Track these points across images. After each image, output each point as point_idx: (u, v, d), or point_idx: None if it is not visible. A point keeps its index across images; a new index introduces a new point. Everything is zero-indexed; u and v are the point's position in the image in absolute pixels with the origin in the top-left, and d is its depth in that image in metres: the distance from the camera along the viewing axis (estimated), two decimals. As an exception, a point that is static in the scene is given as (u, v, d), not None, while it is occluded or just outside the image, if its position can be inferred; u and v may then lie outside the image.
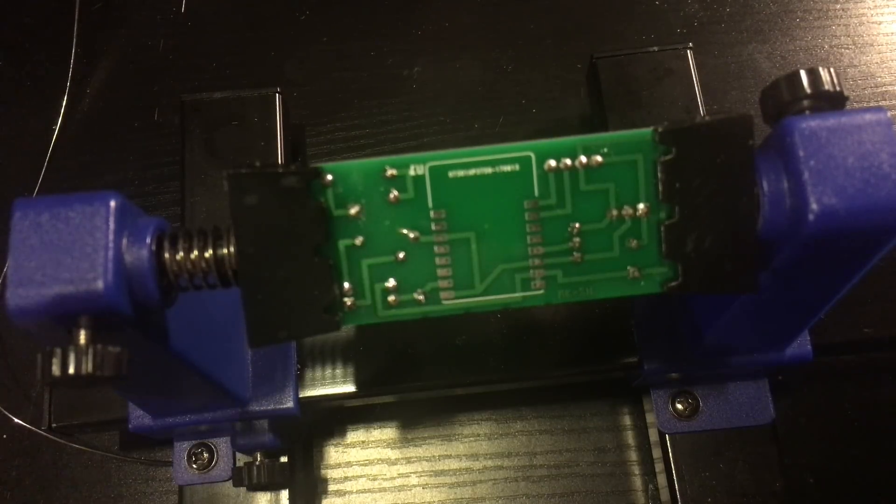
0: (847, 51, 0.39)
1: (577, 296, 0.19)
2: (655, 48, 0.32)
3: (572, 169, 0.19)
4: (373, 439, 0.35)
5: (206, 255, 0.19)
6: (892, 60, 0.38)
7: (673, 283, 0.19)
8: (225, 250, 0.19)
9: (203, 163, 0.32)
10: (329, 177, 0.19)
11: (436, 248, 0.19)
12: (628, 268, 0.19)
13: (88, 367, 0.17)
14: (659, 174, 0.19)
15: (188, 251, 0.19)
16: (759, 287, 0.19)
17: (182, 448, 0.30)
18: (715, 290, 0.19)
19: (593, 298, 0.19)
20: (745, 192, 0.19)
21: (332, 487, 0.35)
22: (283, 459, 0.30)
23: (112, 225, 0.18)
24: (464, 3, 0.41)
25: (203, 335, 0.24)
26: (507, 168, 0.19)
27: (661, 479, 0.32)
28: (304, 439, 0.34)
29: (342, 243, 0.19)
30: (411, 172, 0.19)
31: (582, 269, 0.19)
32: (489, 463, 0.35)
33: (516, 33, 0.40)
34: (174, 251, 0.19)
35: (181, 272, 0.19)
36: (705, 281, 0.19)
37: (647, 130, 0.19)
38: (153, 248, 0.19)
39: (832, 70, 0.20)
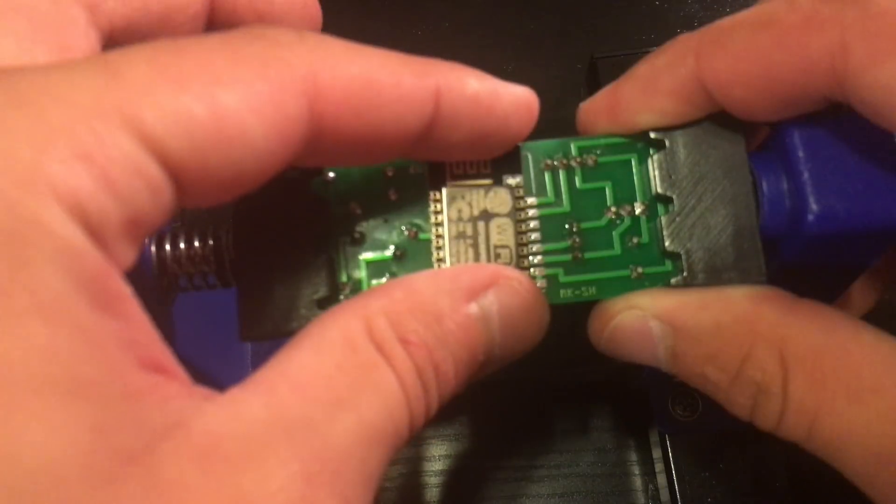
0: (847, 51, 0.39)
1: (580, 296, 0.19)
2: (655, 48, 0.32)
3: (568, 168, 0.19)
4: (373, 439, 0.35)
5: (206, 255, 0.19)
6: (892, 60, 0.38)
7: (677, 279, 0.19)
8: (225, 251, 0.19)
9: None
10: (331, 174, 0.19)
11: (434, 245, 0.19)
12: (631, 266, 0.19)
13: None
14: (654, 172, 0.19)
15: (188, 251, 0.19)
16: (767, 277, 0.19)
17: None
18: (721, 283, 0.19)
19: (596, 298, 0.19)
20: (742, 183, 0.19)
21: (332, 487, 0.35)
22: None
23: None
24: (464, 3, 0.41)
25: (203, 335, 0.24)
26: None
27: (661, 479, 0.32)
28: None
29: (341, 239, 0.19)
30: (411, 171, 0.19)
31: (583, 267, 0.19)
32: (489, 463, 0.35)
33: (516, 33, 0.40)
34: (174, 251, 0.19)
35: (181, 272, 0.19)
36: (710, 273, 0.19)
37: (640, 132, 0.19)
38: (152, 247, 0.19)
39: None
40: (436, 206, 0.19)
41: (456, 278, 0.17)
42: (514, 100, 0.18)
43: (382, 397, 0.15)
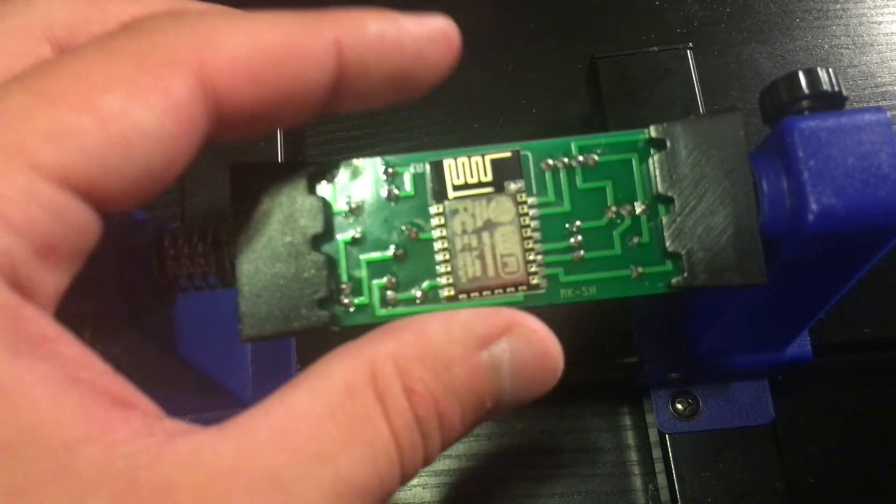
0: (847, 51, 0.39)
1: (580, 296, 0.19)
2: (655, 48, 0.32)
3: (569, 167, 0.19)
4: (373, 439, 0.35)
5: (206, 255, 0.19)
6: (892, 60, 0.39)
7: (677, 279, 0.19)
8: (225, 251, 0.19)
9: (202, 163, 0.32)
10: (331, 173, 0.19)
11: (435, 245, 0.19)
12: (631, 266, 0.19)
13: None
14: (654, 172, 0.19)
15: (188, 252, 0.19)
16: (767, 278, 0.19)
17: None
18: (722, 283, 0.19)
19: (596, 298, 0.19)
20: (743, 184, 0.19)
21: (332, 487, 0.35)
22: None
23: (112, 225, 0.18)
24: (463, 3, 0.41)
25: (203, 335, 0.24)
26: None
27: (661, 479, 0.32)
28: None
29: (341, 238, 0.19)
30: (411, 170, 0.19)
31: (584, 267, 0.19)
32: (489, 463, 0.35)
33: (516, 33, 0.40)
34: (174, 251, 0.19)
35: (181, 272, 0.19)
36: (711, 274, 0.19)
37: (641, 132, 0.19)
38: (153, 248, 0.19)
39: (830, 70, 0.20)
40: (438, 208, 0.19)
41: (469, 324, 0.16)
42: (427, 31, 0.17)
43: (370, 452, 0.14)
